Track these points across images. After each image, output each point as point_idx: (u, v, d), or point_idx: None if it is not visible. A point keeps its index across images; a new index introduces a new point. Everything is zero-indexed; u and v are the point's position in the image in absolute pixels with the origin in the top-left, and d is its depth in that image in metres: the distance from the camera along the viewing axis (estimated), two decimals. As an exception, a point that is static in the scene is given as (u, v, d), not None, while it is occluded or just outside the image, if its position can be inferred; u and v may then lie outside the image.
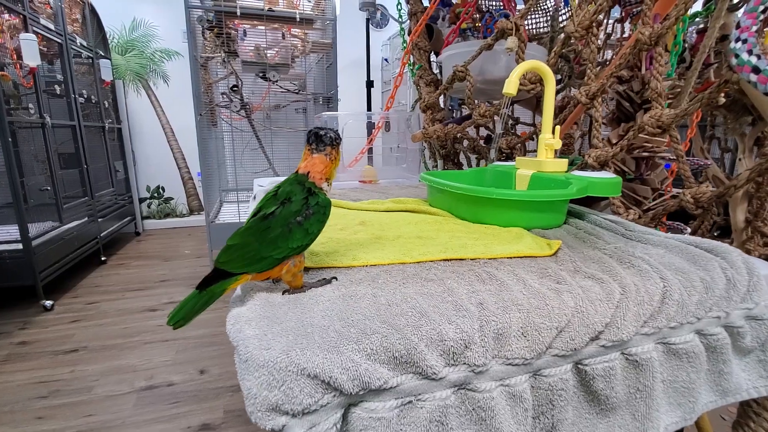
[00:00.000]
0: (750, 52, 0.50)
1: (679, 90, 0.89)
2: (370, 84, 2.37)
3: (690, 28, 1.24)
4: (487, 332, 0.37)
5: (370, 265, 0.51)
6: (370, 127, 1.65)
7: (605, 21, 1.26)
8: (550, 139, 0.79)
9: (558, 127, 0.80)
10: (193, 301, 0.41)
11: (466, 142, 1.26)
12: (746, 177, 0.61)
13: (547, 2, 1.43)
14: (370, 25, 3.65)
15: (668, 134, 0.73)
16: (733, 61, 0.51)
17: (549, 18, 1.41)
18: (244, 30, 2.46)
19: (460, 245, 0.57)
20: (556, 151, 0.83)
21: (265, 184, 1.20)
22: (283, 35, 2.34)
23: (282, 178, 1.23)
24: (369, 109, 2.28)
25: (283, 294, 0.44)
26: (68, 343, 1.77)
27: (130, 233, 3.49)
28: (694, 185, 0.69)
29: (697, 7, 1.25)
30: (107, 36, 3.15)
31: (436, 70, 1.43)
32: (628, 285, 0.43)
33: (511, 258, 0.53)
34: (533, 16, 1.43)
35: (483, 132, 1.58)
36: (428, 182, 0.83)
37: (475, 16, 1.34)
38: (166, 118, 3.58)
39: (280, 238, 0.42)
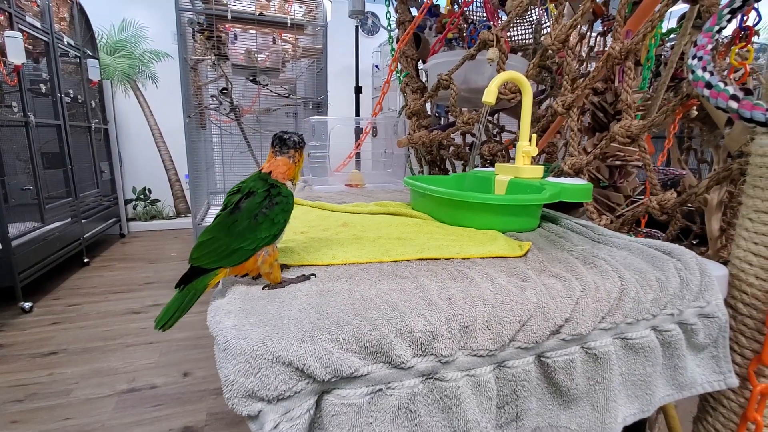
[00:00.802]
0: (704, 69, 0.54)
1: (650, 103, 0.93)
2: (358, 90, 2.40)
3: (667, 45, 1.30)
4: (453, 325, 0.40)
5: (349, 263, 0.54)
6: (359, 132, 1.67)
7: (588, 34, 1.31)
8: (527, 146, 0.82)
9: (534, 135, 0.83)
10: (178, 300, 0.42)
11: (451, 149, 1.30)
12: (705, 185, 0.65)
13: (533, 15, 1.48)
14: (362, 33, 3.70)
15: (637, 144, 0.77)
16: (690, 76, 0.55)
17: (533, 30, 1.46)
18: (235, 34, 2.48)
19: (437, 246, 0.60)
20: (533, 157, 0.86)
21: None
22: (274, 40, 2.36)
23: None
24: (357, 114, 2.31)
25: (263, 289, 0.45)
26: (47, 346, 1.75)
27: (114, 235, 3.45)
28: (660, 193, 0.73)
29: (675, 23, 1.31)
30: (95, 36, 3.14)
31: (423, 78, 1.46)
32: (588, 283, 0.46)
33: (483, 258, 0.56)
34: (518, 28, 1.48)
35: (470, 139, 1.62)
36: (410, 186, 0.86)
37: (461, 26, 1.39)
38: (155, 120, 3.57)
39: (248, 230, 0.44)
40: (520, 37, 1.48)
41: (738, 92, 0.50)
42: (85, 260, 2.75)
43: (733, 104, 0.49)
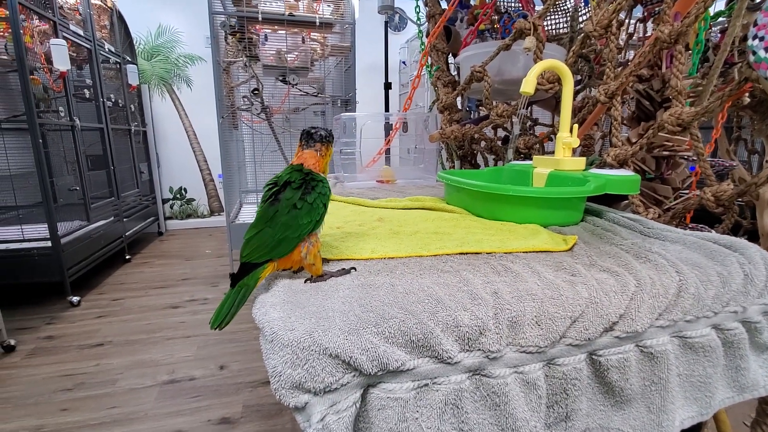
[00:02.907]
0: (767, 49, 0.50)
1: (701, 89, 0.88)
2: (387, 86, 2.39)
3: (714, 28, 1.22)
4: (501, 320, 0.38)
5: (388, 257, 0.53)
6: (388, 128, 1.67)
7: (627, 21, 1.25)
8: (567, 137, 0.79)
9: (575, 126, 0.80)
10: (232, 298, 0.42)
11: (483, 143, 1.27)
12: (767, 174, 0.61)
13: (567, 3, 1.43)
14: (390, 29, 3.69)
15: (689, 133, 0.73)
16: (751, 58, 0.51)
17: (568, 18, 1.41)
18: (265, 35, 2.52)
19: (476, 240, 0.58)
20: (573, 149, 0.83)
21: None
22: (303, 39, 2.39)
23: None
24: (387, 110, 2.30)
25: (305, 282, 0.46)
26: (93, 338, 1.84)
27: (153, 233, 3.60)
28: (715, 184, 0.68)
29: (721, 6, 1.23)
30: (134, 42, 3.27)
31: (453, 72, 1.44)
32: (644, 278, 0.44)
33: (526, 252, 0.54)
34: (553, 17, 1.43)
35: (501, 133, 1.58)
36: (445, 180, 0.84)
37: (493, 17, 1.35)
38: (189, 122, 3.69)
39: (290, 219, 0.44)
40: (554, 27, 1.43)
41: (811, 71, 0.46)
42: (127, 257, 2.88)
43: (806, 84, 0.45)
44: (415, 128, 1.45)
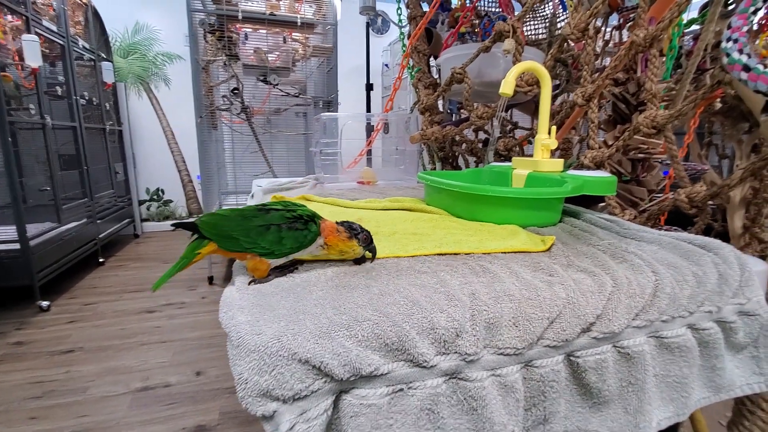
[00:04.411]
0: (740, 51, 0.51)
1: (675, 93, 0.89)
2: (369, 87, 2.38)
3: (686, 36, 1.26)
4: (478, 321, 0.37)
5: (365, 258, 0.52)
6: (370, 129, 1.66)
7: (603, 28, 1.27)
8: (546, 139, 0.80)
9: (554, 128, 0.80)
10: (176, 265, 0.44)
11: (464, 145, 1.27)
12: (739, 176, 0.62)
13: (546, 8, 1.45)
14: (372, 32, 3.69)
15: (663, 135, 0.74)
16: (725, 60, 0.52)
17: (547, 23, 1.42)
18: (246, 34, 2.48)
19: (455, 241, 0.58)
20: (552, 151, 0.83)
21: (263, 185, 1.20)
22: (284, 39, 2.36)
23: (284, 179, 1.22)
24: (368, 112, 2.29)
25: (249, 284, 0.44)
26: (64, 344, 1.77)
27: (129, 235, 3.49)
28: (689, 186, 0.69)
29: (695, 14, 1.26)
30: (110, 39, 3.18)
31: (435, 74, 1.44)
32: (620, 278, 0.44)
33: (505, 253, 0.54)
34: (532, 23, 1.45)
35: (483, 135, 1.59)
36: (425, 181, 0.83)
37: (474, 21, 1.36)
38: (167, 121, 3.60)
39: (255, 231, 0.44)
40: (533, 32, 1.45)
41: (779, 74, 0.46)
42: (101, 260, 2.78)
43: (775, 87, 0.45)
44: (397, 130, 1.44)
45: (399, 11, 1.65)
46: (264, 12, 2.23)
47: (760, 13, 0.63)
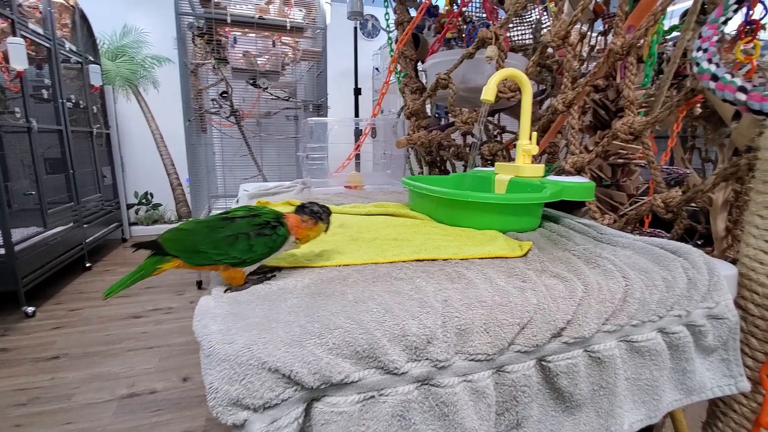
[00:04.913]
0: (710, 61, 0.52)
1: (653, 99, 0.91)
2: (357, 91, 2.39)
3: (670, 43, 1.28)
4: (449, 328, 0.38)
5: (344, 265, 0.52)
6: (359, 133, 1.66)
7: (589, 33, 1.29)
8: (527, 144, 0.81)
9: (535, 134, 0.81)
10: (131, 274, 0.43)
11: (451, 149, 1.28)
12: (712, 181, 0.63)
13: (532, 15, 1.47)
14: (362, 35, 3.70)
15: (641, 141, 0.75)
16: (695, 69, 0.53)
17: (533, 30, 1.44)
18: (235, 37, 2.48)
19: (434, 246, 0.58)
20: (534, 157, 0.85)
21: (250, 189, 1.20)
22: (274, 43, 2.36)
23: (272, 183, 1.22)
24: (357, 116, 2.30)
25: (225, 292, 0.44)
26: (49, 350, 1.74)
27: (116, 240, 3.45)
28: (665, 190, 0.71)
29: (677, 21, 1.29)
30: (97, 41, 3.15)
31: (423, 79, 1.45)
32: (591, 284, 0.45)
33: (482, 258, 0.54)
34: (518, 29, 1.46)
35: (470, 139, 1.60)
36: (409, 186, 0.84)
37: (461, 26, 1.37)
38: (156, 124, 3.57)
39: (224, 242, 0.44)
40: (520, 38, 1.47)
41: (746, 84, 0.48)
42: (87, 265, 2.75)
43: (741, 96, 0.47)
44: (384, 134, 1.45)
45: (387, 16, 1.66)
46: (253, 16, 2.23)
47: (734, 22, 0.64)
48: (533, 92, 1.09)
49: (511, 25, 1.42)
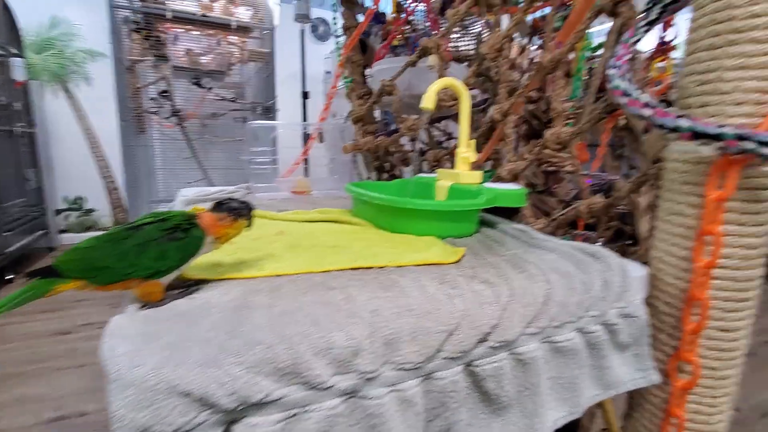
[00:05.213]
0: (622, 78, 0.56)
1: (581, 111, 0.97)
2: (305, 95, 2.36)
3: (598, 59, 1.38)
4: (377, 338, 0.38)
5: (276, 275, 0.51)
6: (308, 138, 1.64)
7: (529, 47, 1.36)
8: (465, 152, 0.83)
9: (473, 141, 0.84)
10: (14, 296, 0.38)
11: (397, 155, 1.29)
12: (627, 189, 0.68)
13: (477, 27, 1.52)
14: (314, 39, 3.66)
15: (568, 150, 0.80)
16: (609, 85, 0.57)
17: (476, 42, 1.50)
18: (176, 35, 2.36)
19: (372, 254, 0.58)
20: (480, 165, 0.88)
21: (190, 195, 1.14)
22: (219, 42, 2.27)
23: (214, 188, 1.17)
24: (305, 119, 2.27)
25: (141, 309, 0.42)
26: (-39, 373, 1.56)
27: (43, 249, 3.16)
28: (589, 197, 0.75)
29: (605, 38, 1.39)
30: (21, 33, 2.88)
31: (374, 85, 1.46)
32: (517, 288, 0.46)
33: (419, 265, 0.55)
34: (464, 40, 1.51)
35: (421, 145, 1.63)
36: (351, 193, 0.84)
37: (410, 34, 1.40)
38: (89, 123, 3.31)
39: (131, 252, 0.40)
40: (465, 48, 1.52)
41: (652, 100, 0.52)
42: (8, 277, 2.49)
43: (647, 111, 0.51)
44: (332, 139, 1.44)
45: (335, 20, 1.66)
46: (195, 13, 2.14)
47: (649, 40, 0.70)
48: (479, 101, 1.13)
49: (457, 36, 1.47)
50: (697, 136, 0.47)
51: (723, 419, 0.57)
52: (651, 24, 0.62)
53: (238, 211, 0.47)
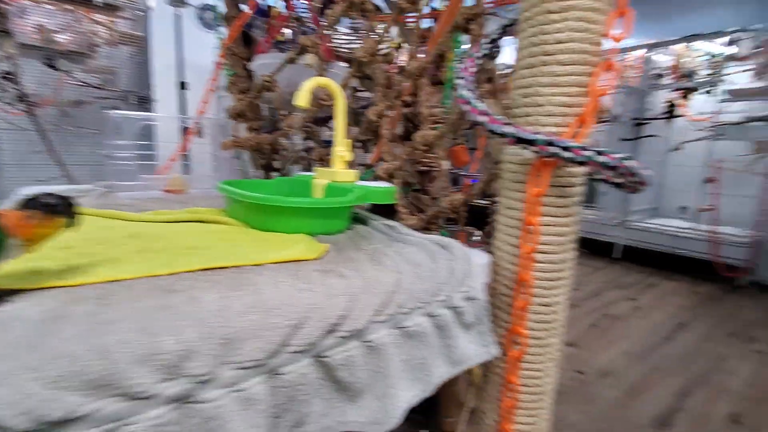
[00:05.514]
0: (467, 88, 0.63)
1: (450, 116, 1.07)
2: (182, 85, 2.17)
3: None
4: (213, 339, 0.37)
5: (110, 281, 0.46)
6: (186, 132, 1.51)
7: (415, 53, 1.43)
8: (342, 151, 0.85)
9: (350, 140, 0.86)
10: None
11: (283, 152, 1.27)
12: (479, 187, 0.77)
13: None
14: (201, 26, 3.39)
15: (435, 151, 0.87)
16: (455, 94, 0.64)
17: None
18: (23, 7, 2.00)
19: (233, 254, 0.56)
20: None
21: (32, 193, 0.98)
22: (79, 19, 1.98)
23: (62, 187, 1.01)
24: (183, 112, 2.09)
25: None
26: None
27: None
28: (451, 194, 0.83)
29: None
30: None
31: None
32: (368, 279, 0.49)
33: (280, 263, 0.55)
34: (351, 41, 1.54)
35: (311, 143, 1.61)
36: (223, 191, 0.80)
37: (296, 29, 1.38)
38: None
39: None
40: (350, 49, 1.55)
41: (488, 109, 0.59)
42: None
43: (482, 118, 0.57)
44: (215, 134, 1.35)
45: (216, 10, 1.56)
46: (46, -18, 1.83)
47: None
48: (366, 102, 1.16)
49: (350, 38, 1.49)
50: (519, 141, 0.55)
51: (550, 381, 0.67)
52: (494, 41, 0.71)
53: (52, 208, 0.41)
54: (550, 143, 0.53)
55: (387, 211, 0.96)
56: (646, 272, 2.88)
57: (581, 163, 0.52)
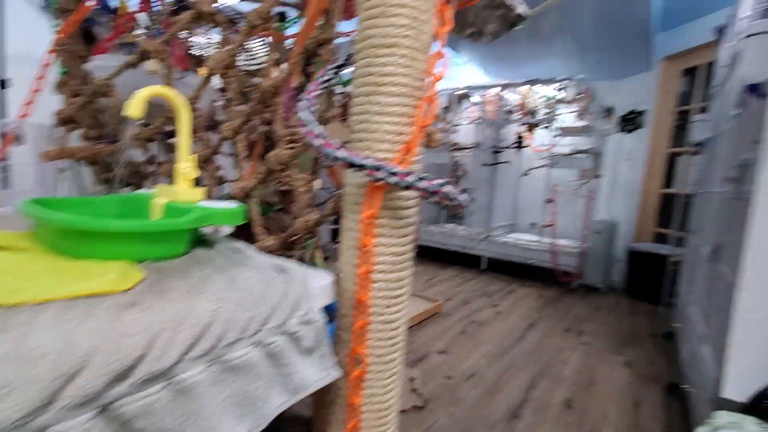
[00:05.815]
0: (307, 110, 0.63)
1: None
2: (2, 84, 1.80)
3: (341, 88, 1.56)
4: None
5: None
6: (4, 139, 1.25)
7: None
8: (185, 167, 0.78)
9: (195, 156, 0.80)
10: None
11: (127, 167, 1.13)
12: (330, 207, 0.78)
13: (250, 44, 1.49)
14: (46, 13, 2.89)
15: (291, 171, 0.86)
16: (296, 115, 0.64)
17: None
18: None
19: (15, 288, 0.46)
20: (196, 179, 0.83)
21: None
22: None
23: None
24: (2, 115, 1.72)
25: None
26: None
27: None
28: (307, 215, 0.82)
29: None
30: None
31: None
32: (179, 312, 0.45)
33: (76, 297, 0.47)
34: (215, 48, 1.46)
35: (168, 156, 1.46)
36: (25, 212, 0.67)
37: (149, 29, 1.25)
38: None
39: None
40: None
41: (324, 132, 0.60)
42: None
43: (317, 141, 0.58)
44: (36, 142, 1.14)
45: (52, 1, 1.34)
46: None
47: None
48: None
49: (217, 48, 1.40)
50: (350, 165, 0.57)
51: (394, 395, 0.69)
52: (339, 68, 0.73)
53: None
54: (378, 168, 0.55)
55: (247, 232, 0.91)
56: (507, 280, 3.27)
57: (406, 188, 0.56)
